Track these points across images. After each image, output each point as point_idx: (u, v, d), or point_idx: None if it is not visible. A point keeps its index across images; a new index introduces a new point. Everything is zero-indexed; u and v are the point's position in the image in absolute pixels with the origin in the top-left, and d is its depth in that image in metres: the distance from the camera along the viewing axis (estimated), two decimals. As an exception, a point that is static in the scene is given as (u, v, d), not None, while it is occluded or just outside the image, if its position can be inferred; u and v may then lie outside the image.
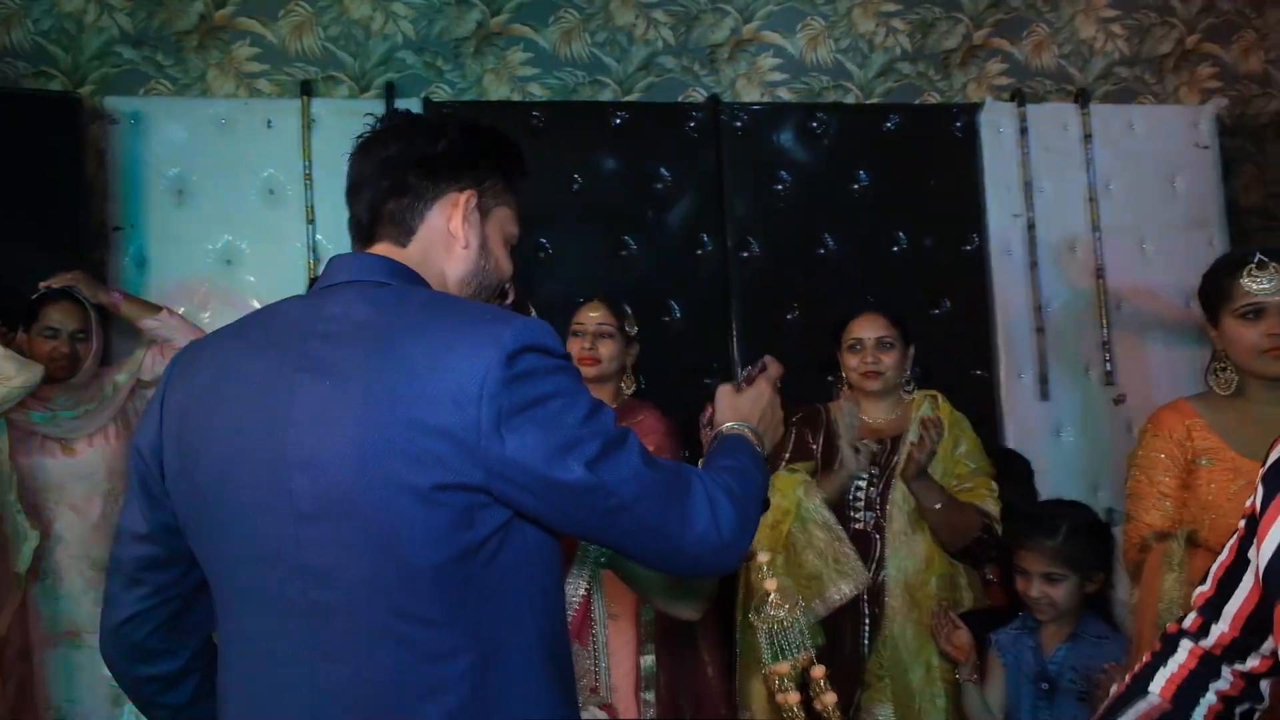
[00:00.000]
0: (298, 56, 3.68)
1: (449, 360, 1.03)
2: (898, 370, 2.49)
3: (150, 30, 3.61)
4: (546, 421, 1.03)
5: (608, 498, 1.05)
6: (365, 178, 1.21)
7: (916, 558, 2.39)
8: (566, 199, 3.65)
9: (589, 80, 3.82)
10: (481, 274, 1.22)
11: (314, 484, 1.04)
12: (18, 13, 3.54)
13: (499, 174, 1.27)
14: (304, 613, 1.05)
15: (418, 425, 1.01)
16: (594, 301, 2.69)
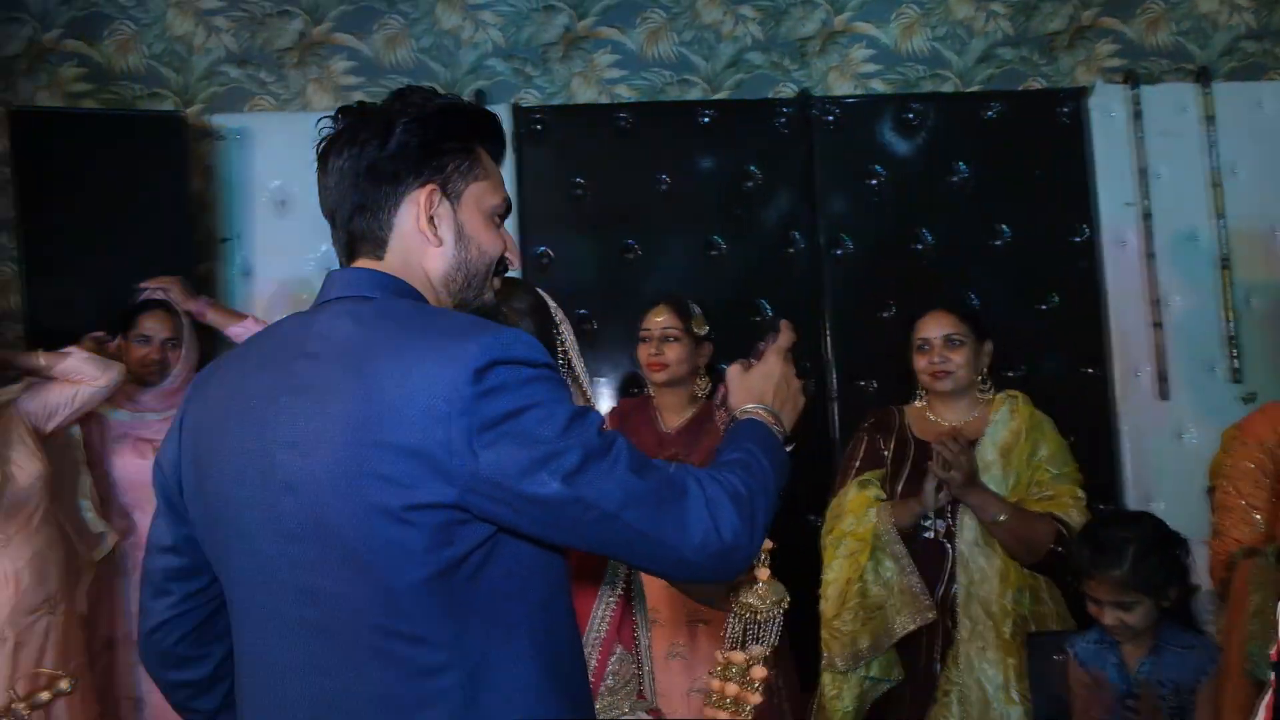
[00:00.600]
0: (391, 68, 3.77)
1: (416, 379, 1.01)
2: (969, 369, 2.36)
3: (253, 49, 3.75)
4: (520, 436, 1.00)
5: (588, 510, 1.01)
6: (328, 195, 1.19)
7: (990, 569, 2.25)
8: (655, 200, 3.63)
9: (676, 80, 3.79)
10: (465, 264, 1.18)
11: (297, 506, 1.04)
12: (133, 38, 3.73)
13: (462, 152, 1.18)
14: (298, 628, 1.07)
15: (388, 446, 1.00)
16: (659, 305, 2.65)
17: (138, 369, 2.79)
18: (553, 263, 3.65)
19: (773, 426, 1.23)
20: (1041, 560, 2.19)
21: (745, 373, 1.31)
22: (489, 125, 1.23)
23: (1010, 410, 2.33)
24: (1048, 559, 2.18)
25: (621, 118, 3.65)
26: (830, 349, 3.60)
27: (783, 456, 1.22)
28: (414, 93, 1.19)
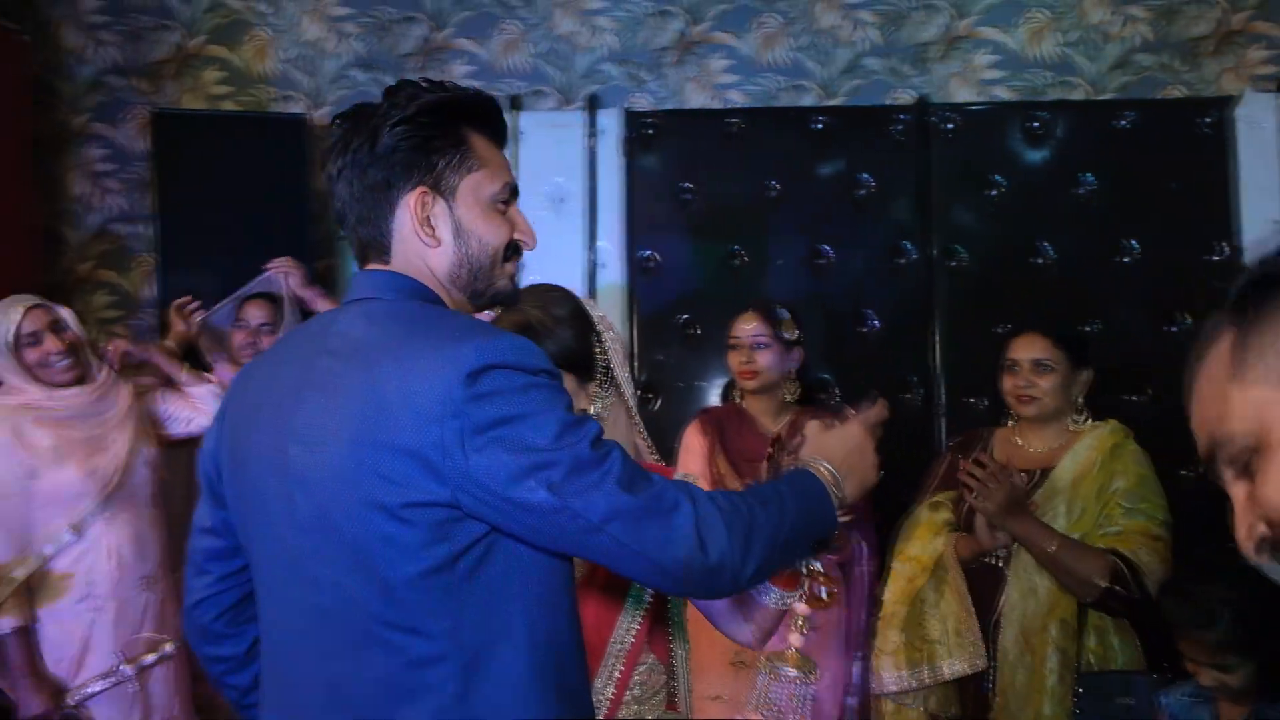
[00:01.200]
0: (508, 72, 3.84)
1: (413, 380, 1.03)
2: (1056, 397, 2.23)
3: (379, 54, 3.89)
4: (511, 442, 1.01)
5: (574, 519, 1.02)
6: (336, 201, 1.20)
7: (1038, 600, 2.13)
8: (763, 206, 3.59)
9: (790, 85, 3.74)
10: (467, 259, 1.18)
11: (306, 498, 1.08)
12: (269, 43, 3.92)
13: (452, 146, 1.17)
14: (309, 614, 1.11)
15: (385, 445, 1.02)
16: (748, 313, 2.61)
17: (236, 353, 2.94)
18: (659, 267, 3.65)
19: (827, 485, 1.20)
20: (1098, 599, 2.05)
21: (824, 430, 1.28)
22: (482, 111, 1.21)
23: (1092, 441, 2.20)
24: (1105, 597, 2.03)
25: (732, 123, 3.63)
26: (940, 363, 3.48)
27: (821, 513, 1.18)
28: (401, 90, 1.17)
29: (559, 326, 1.45)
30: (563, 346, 1.44)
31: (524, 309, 1.45)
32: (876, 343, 3.54)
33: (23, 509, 2.36)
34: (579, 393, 1.49)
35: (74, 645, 2.40)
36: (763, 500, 1.13)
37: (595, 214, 3.69)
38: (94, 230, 3.93)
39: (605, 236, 3.70)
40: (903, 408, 3.51)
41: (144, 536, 2.50)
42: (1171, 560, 2.09)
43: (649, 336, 3.65)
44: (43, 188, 3.87)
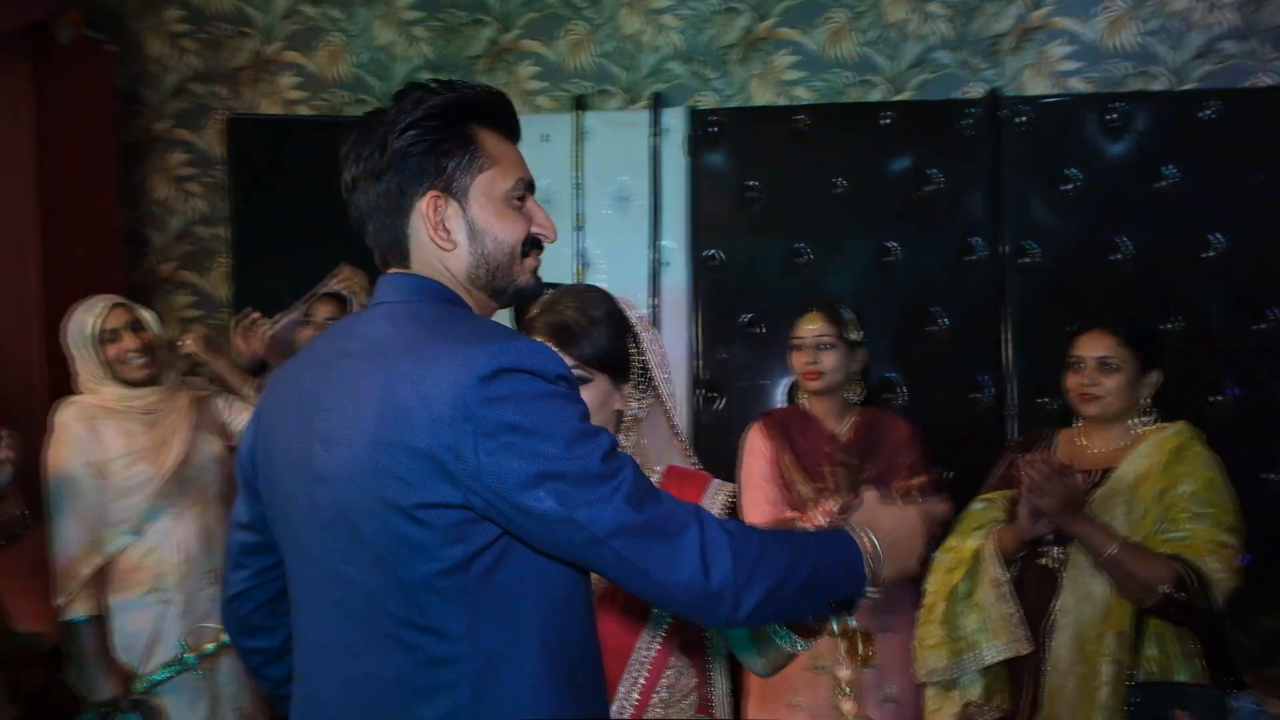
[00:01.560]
0: (574, 72, 3.87)
1: (429, 383, 1.03)
2: (1121, 396, 2.14)
3: (448, 57, 3.95)
4: (521, 448, 1.01)
5: (579, 531, 1.02)
6: (353, 208, 1.20)
7: (1094, 606, 2.04)
8: (829, 203, 3.55)
9: (857, 80, 3.69)
10: (483, 259, 1.17)
11: (328, 497, 1.09)
12: (343, 48, 4.01)
13: (461, 147, 1.16)
14: (332, 611, 1.12)
15: (400, 447, 1.03)
16: (812, 313, 2.57)
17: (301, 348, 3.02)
18: (722, 265, 3.64)
19: (864, 554, 1.17)
20: (1158, 604, 1.96)
21: (881, 503, 1.25)
22: (491, 107, 1.20)
23: (1156, 442, 2.12)
24: (1165, 604, 1.95)
25: (798, 120, 3.59)
26: (1011, 362, 3.40)
27: (848, 576, 1.15)
28: (409, 94, 1.17)
29: (594, 327, 1.45)
30: (597, 347, 1.45)
31: (560, 310, 1.46)
32: (945, 341, 3.47)
33: (95, 504, 2.45)
34: (614, 394, 1.49)
35: (143, 636, 2.48)
36: (782, 540, 1.11)
37: (659, 213, 3.69)
38: (176, 233, 4.07)
39: (669, 235, 3.70)
40: (973, 408, 3.45)
41: (211, 531, 2.57)
42: (1238, 570, 2.00)
43: (712, 336, 3.64)
44: (128, 192, 4.03)
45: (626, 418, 1.52)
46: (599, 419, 1.47)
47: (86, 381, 2.57)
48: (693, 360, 3.64)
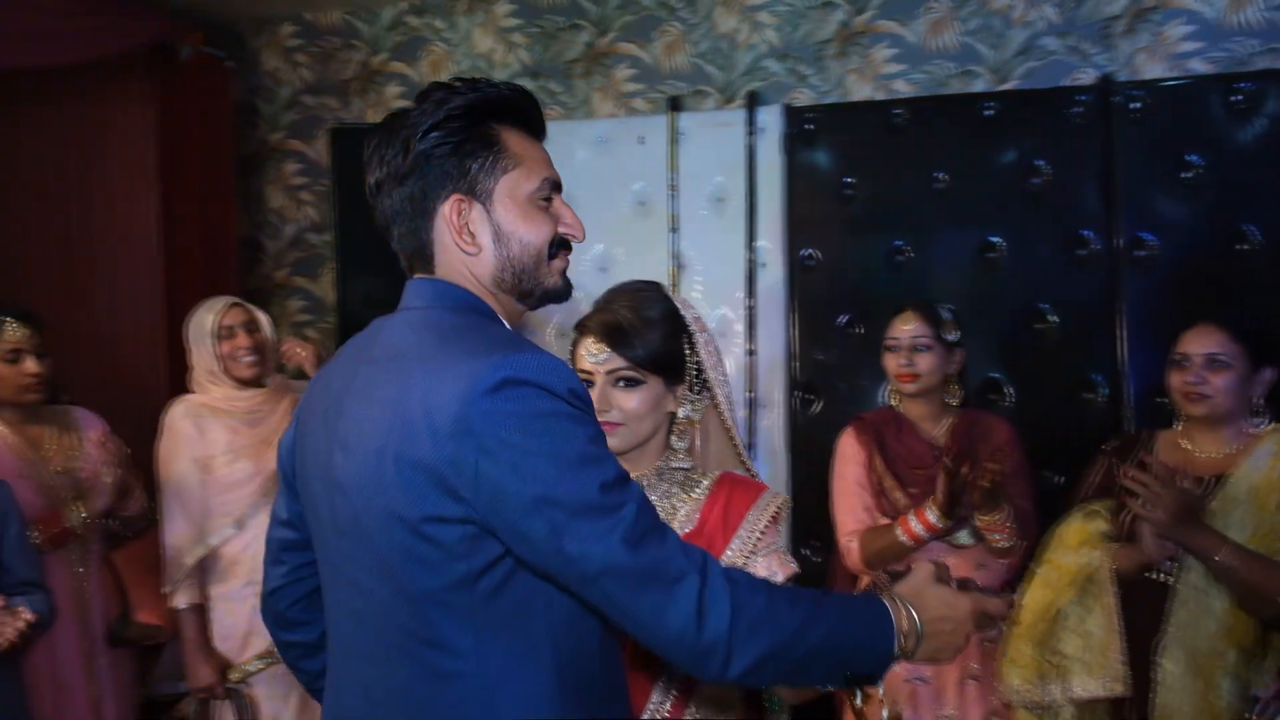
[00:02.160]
0: (669, 74, 3.86)
1: (434, 395, 1.01)
2: (1231, 396, 1.98)
3: (545, 62, 4.00)
4: (521, 468, 0.97)
5: (568, 565, 0.98)
6: (378, 211, 1.18)
7: (1214, 620, 1.88)
8: (929, 199, 3.44)
9: (959, 71, 3.57)
10: (508, 263, 1.15)
11: (345, 504, 1.09)
12: (444, 57, 4.11)
13: (484, 148, 1.13)
14: (350, 617, 1.12)
15: (405, 459, 1.01)
16: (907, 312, 2.47)
17: None
18: (819, 265, 3.57)
19: (896, 630, 1.09)
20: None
21: (933, 582, 1.17)
22: (514, 105, 1.17)
23: (1274, 446, 1.95)
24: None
25: (897, 114, 3.50)
26: (1126, 361, 3.22)
27: (871, 648, 1.08)
28: (431, 95, 1.15)
29: (648, 328, 1.43)
30: (650, 348, 1.42)
31: (614, 309, 1.45)
32: (1055, 340, 3.32)
33: (200, 498, 2.57)
34: (667, 396, 1.46)
35: (240, 627, 2.58)
36: (796, 600, 1.05)
37: (755, 213, 3.65)
38: (289, 240, 4.24)
39: (765, 235, 3.65)
40: (1085, 409, 3.28)
41: None
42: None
43: (810, 337, 3.57)
44: (245, 201, 4.22)
45: (680, 420, 1.49)
46: (651, 422, 1.45)
47: (199, 378, 2.69)
48: (789, 362, 3.58)
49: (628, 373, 1.42)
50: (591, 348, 1.44)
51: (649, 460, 1.49)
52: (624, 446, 1.45)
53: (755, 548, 1.42)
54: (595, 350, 1.44)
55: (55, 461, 2.53)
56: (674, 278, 3.70)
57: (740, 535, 1.42)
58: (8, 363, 2.44)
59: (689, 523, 1.45)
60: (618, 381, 1.43)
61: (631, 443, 1.45)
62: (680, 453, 1.50)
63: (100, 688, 2.51)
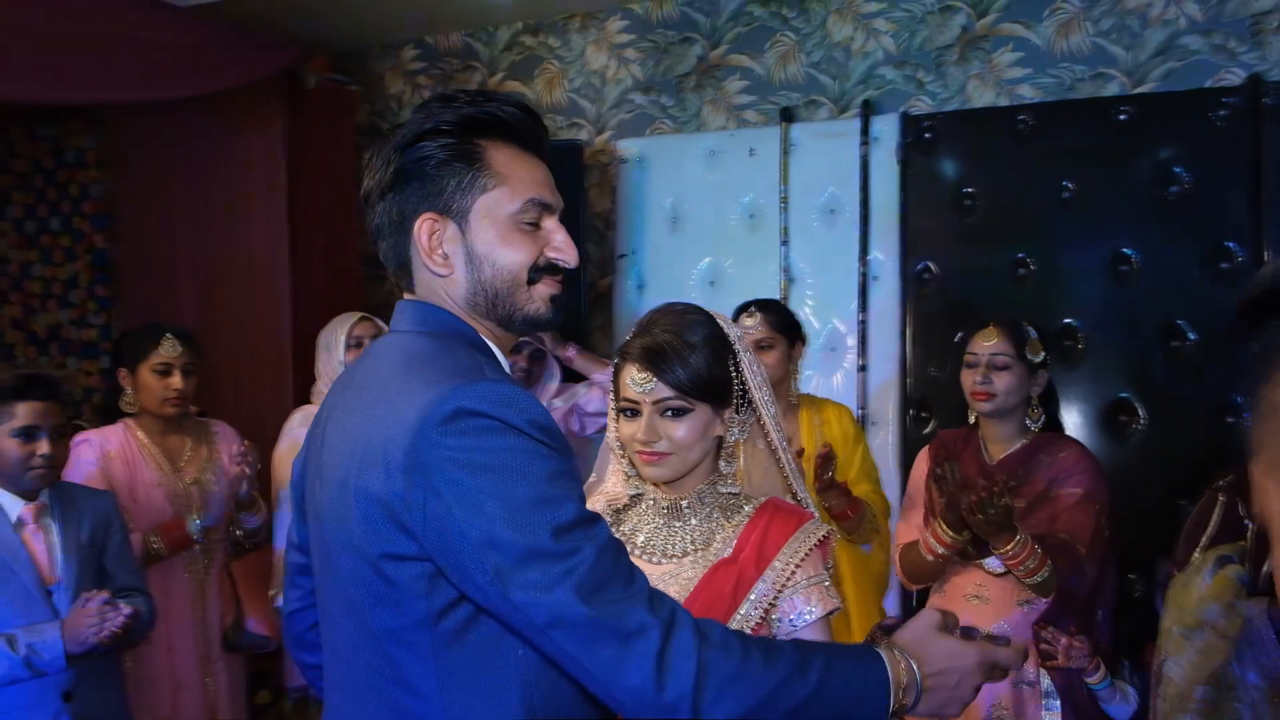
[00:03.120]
0: (781, 85, 3.79)
1: (389, 426, 0.97)
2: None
3: (656, 76, 3.99)
4: (469, 503, 0.92)
5: (516, 614, 0.92)
6: (368, 226, 1.14)
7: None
8: (1054, 209, 3.27)
9: (1090, 75, 3.37)
10: (482, 285, 1.09)
11: (319, 535, 1.07)
12: (558, 75, 4.15)
13: (463, 166, 1.07)
14: (331, 651, 1.10)
15: (363, 492, 0.98)
16: (989, 328, 2.32)
17: None
18: (934, 279, 3.44)
19: (898, 685, 1.01)
20: None
21: (937, 631, 1.08)
22: (504, 121, 1.10)
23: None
24: None
25: (1021, 120, 3.33)
26: (1275, 384, 2.97)
27: (861, 709, 0.99)
28: (428, 106, 1.10)
29: (693, 353, 1.37)
30: (696, 375, 1.37)
31: (655, 333, 1.39)
32: (1192, 359, 3.09)
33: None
34: (714, 421, 1.40)
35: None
36: (777, 654, 0.97)
37: (868, 224, 3.54)
38: (410, 256, 4.36)
39: (879, 248, 3.54)
40: (1228, 435, 3.04)
41: None
42: None
43: (924, 352, 3.44)
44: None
45: (728, 444, 1.44)
46: (700, 450, 1.40)
47: (320, 387, 2.81)
48: (903, 379, 3.46)
49: (675, 402, 1.36)
50: (636, 376, 1.38)
51: (691, 484, 1.43)
52: (672, 475, 1.40)
53: (789, 582, 1.34)
54: (640, 379, 1.38)
55: (188, 472, 2.66)
56: (784, 291, 3.63)
57: (774, 567, 1.35)
58: (157, 375, 2.59)
59: (724, 549, 1.39)
60: (665, 411, 1.37)
61: (681, 471, 1.40)
62: (729, 477, 1.44)
63: (216, 689, 2.63)
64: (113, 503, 2.28)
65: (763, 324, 2.65)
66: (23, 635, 1.96)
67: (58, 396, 2.09)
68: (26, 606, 2.02)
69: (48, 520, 2.12)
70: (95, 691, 2.08)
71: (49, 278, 4.70)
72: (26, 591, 2.03)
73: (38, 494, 2.11)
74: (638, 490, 1.47)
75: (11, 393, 2.02)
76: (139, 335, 2.67)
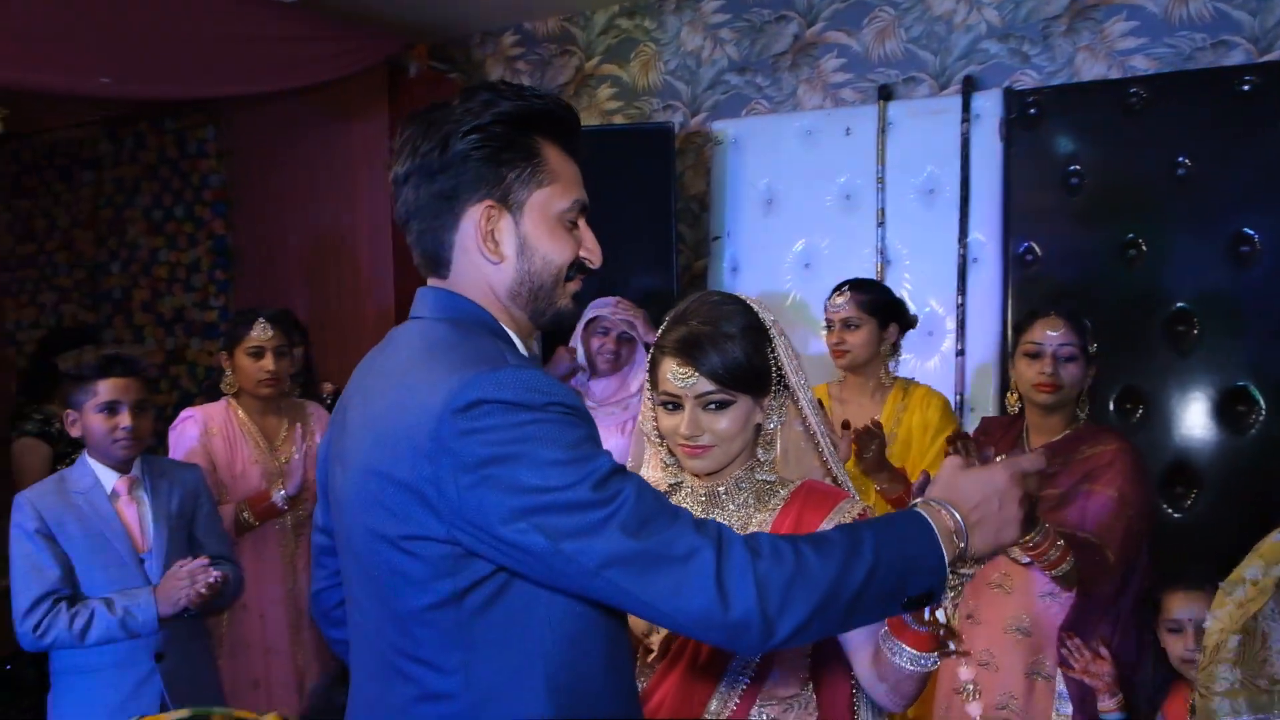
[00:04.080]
0: (879, 62, 3.70)
1: (410, 413, 0.99)
2: None
3: (752, 56, 3.95)
4: (501, 481, 0.94)
5: (569, 563, 0.94)
6: (401, 205, 1.14)
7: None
8: (1168, 187, 3.10)
9: (1211, 43, 3.18)
10: (528, 277, 1.11)
11: (341, 521, 1.10)
12: (653, 57, 4.15)
13: (524, 159, 1.10)
14: (356, 632, 1.13)
15: (386, 477, 1.00)
16: (1052, 317, 2.19)
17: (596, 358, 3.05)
18: (1038, 260, 3.31)
19: (941, 533, 1.01)
20: None
21: (960, 470, 1.07)
22: (558, 120, 1.13)
23: None
24: None
25: (1133, 93, 3.17)
26: None
27: (919, 566, 1.00)
28: (477, 95, 1.11)
29: (730, 343, 1.36)
30: (733, 365, 1.35)
31: (692, 324, 1.38)
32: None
33: None
34: (755, 410, 1.39)
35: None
36: (827, 547, 0.98)
37: (968, 204, 3.44)
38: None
39: (979, 228, 3.43)
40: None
41: None
42: None
43: (1026, 337, 3.32)
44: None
45: (766, 431, 1.42)
46: (742, 440, 1.39)
47: None
48: (1002, 364, 3.35)
49: (718, 395, 1.36)
50: (676, 370, 1.38)
51: (730, 472, 1.43)
52: (715, 467, 1.41)
53: None
54: (681, 373, 1.37)
55: (283, 451, 2.79)
56: (880, 273, 3.56)
57: None
58: (251, 358, 2.71)
59: None
60: (708, 405, 1.37)
61: (724, 462, 1.40)
62: (766, 464, 1.43)
63: (305, 655, 2.76)
64: (201, 476, 2.41)
65: (850, 303, 2.60)
66: (119, 599, 2.11)
67: (137, 374, 2.22)
68: (121, 573, 2.16)
69: (140, 492, 2.25)
70: (184, 653, 2.22)
71: (174, 263, 4.97)
72: (120, 559, 2.17)
73: (130, 467, 2.25)
74: (676, 479, 1.49)
75: (95, 371, 2.16)
76: (235, 320, 2.80)
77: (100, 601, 2.10)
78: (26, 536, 2.12)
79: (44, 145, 5.38)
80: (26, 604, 2.08)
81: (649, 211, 3.69)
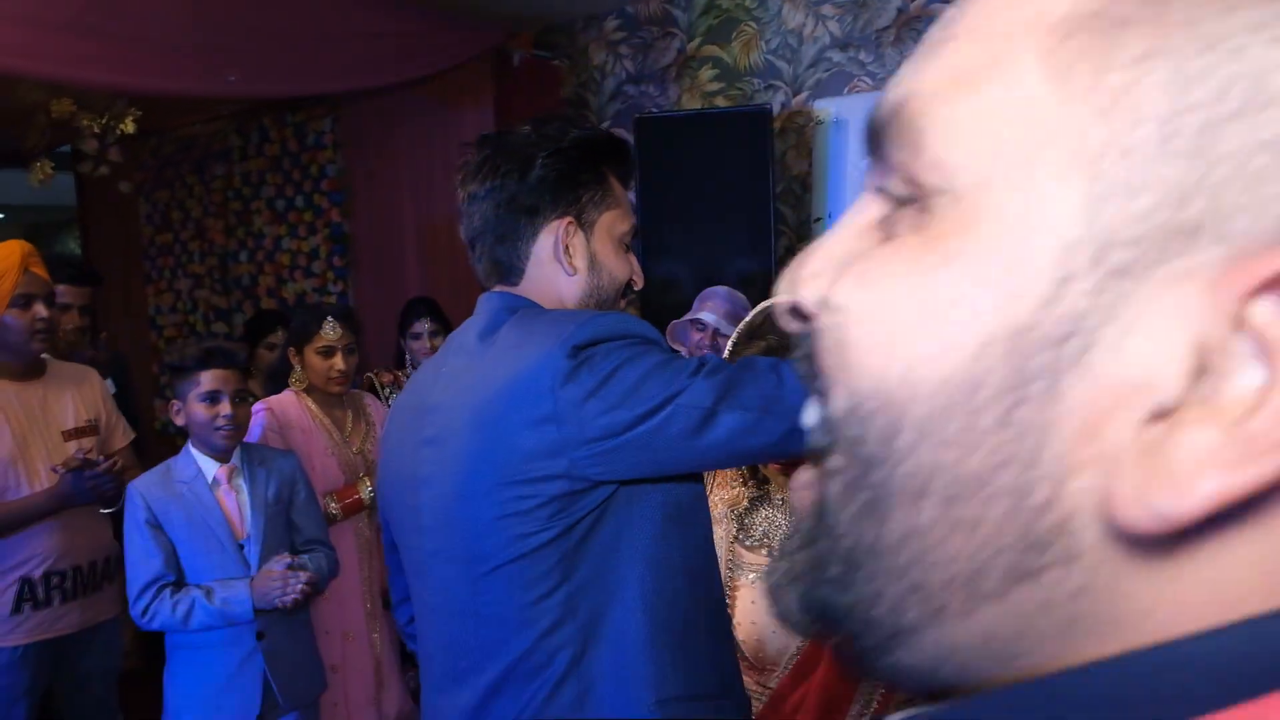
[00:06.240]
0: (987, 34, 3.60)
1: (524, 363, 1.07)
2: None
3: (854, 32, 3.89)
4: (616, 393, 1.03)
5: (688, 414, 1.01)
6: (470, 221, 1.23)
7: None
8: None
9: None
10: (597, 290, 1.22)
11: (430, 497, 1.17)
12: (754, 36, 4.13)
13: (595, 182, 1.23)
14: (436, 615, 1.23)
15: (504, 424, 1.08)
16: None
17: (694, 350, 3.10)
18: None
19: None
20: None
21: None
22: (620, 153, 1.25)
23: None
24: None
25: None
26: None
27: None
28: (550, 123, 1.23)
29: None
30: None
31: (766, 336, 1.46)
32: None
33: None
34: None
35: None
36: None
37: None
38: (612, 223, 4.50)
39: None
40: None
41: None
42: None
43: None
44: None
45: None
46: None
47: None
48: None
49: None
50: None
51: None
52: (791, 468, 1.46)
53: None
54: None
55: (353, 442, 2.91)
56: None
57: None
58: (320, 356, 2.82)
59: None
60: None
61: None
62: None
63: (382, 640, 2.87)
64: (297, 463, 2.52)
65: None
66: (218, 589, 2.23)
67: (236, 365, 2.34)
68: (221, 559, 2.29)
69: (239, 481, 2.37)
70: (285, 633, 2.34)
71: (295, 250, 5.23)
72: (221, 546, 2.29)
73: (229, 455, 2.36)
74: (757, 493, 1.56)
75: (197, 363, 2.27)
76: (305, 318, 2.88)
77: (200, 591, 2.23)
78: (136, 526, 2.25)
79: (180, 140, 5.71)
80: (136, 590, 2.22)
81: (747, 194, 3.68)
